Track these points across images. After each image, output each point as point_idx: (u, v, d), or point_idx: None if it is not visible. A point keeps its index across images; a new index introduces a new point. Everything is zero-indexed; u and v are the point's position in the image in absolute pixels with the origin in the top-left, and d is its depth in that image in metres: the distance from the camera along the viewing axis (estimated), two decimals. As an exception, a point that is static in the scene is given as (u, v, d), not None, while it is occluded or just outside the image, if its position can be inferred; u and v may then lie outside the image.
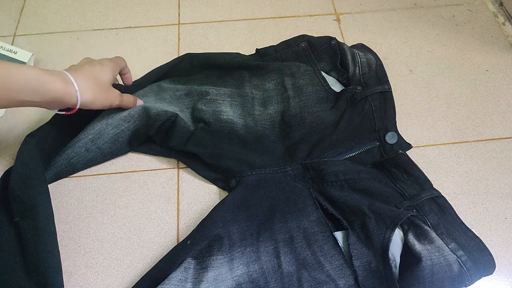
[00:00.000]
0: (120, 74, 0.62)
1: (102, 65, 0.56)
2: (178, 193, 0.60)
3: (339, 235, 0.52)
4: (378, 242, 0.49)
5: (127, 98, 0.59)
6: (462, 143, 0.65)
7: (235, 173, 0.58)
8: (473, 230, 0.52)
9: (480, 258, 0.50)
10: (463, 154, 0.64)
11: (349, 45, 0.70)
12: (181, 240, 0.52)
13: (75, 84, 0.50)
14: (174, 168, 0.62)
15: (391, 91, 0.64)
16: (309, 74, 0.66)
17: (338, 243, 0.50)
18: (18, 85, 0.46)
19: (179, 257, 0.48)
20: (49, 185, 0.58)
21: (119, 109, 0.62)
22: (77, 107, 0.51)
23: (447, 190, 0.59)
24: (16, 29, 0.78)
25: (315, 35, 0.70)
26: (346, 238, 0.51)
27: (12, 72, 0.46)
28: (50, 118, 0.61)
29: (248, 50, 0.72)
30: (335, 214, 0.52)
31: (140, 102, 0.62)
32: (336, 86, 0.66)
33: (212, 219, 0.52)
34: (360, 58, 0.66)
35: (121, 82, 0.64)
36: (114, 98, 0.56)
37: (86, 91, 0.51)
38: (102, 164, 0.62)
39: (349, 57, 0.66)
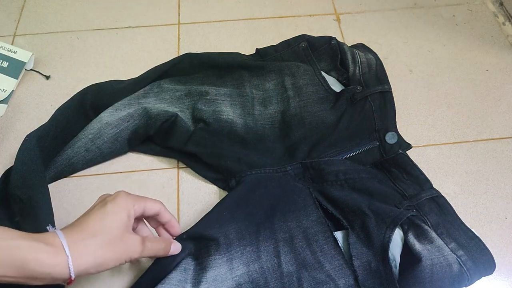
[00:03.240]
0: (158, 220, 0.47)
1: (106, 205, 0.40)
2: (178, 193, 0.60)
3: (339, 235, 0.52)
4: (378, 242, 0.49)
5: (153, 245, 0.43)
6: (462, 143, 0.65)
7: (235, 173, 0.58)
8: (473, 230, 0.52)
9: (480, 258, 0.49)
10: (463, 154, 0.64)
11: (349, 45, 0.70)
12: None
13: (66, 249, 0.35)
14: (174, 168, 0.62)
15: (391, 91, 0.64)
16: (309, 74, 0.66)
17: (338, 243, 0.50)
18: None
19: (178, 256, 0.48)
20: (49, 185, 0.58)
21: (119, 109, 0.62)
22: (73, 278, 0.36)
23: (447, 190, 0.59)
24: (16, 29, 0.78)
25: (315, 35, 0.70)
26: (346, 238, 0.51)
27: None
28: (50, 118, 0.61)
29: (248, 50, 0.72)
30: (335, 214, 0.52)
31: (176, 247, 0.46)
32: (336, 86, 0.66)
33: (209, 218, 0.52)
34: (360, 58, 0.66)
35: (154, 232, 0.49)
36: (133, 250, 0.40)
37: (83, 256, 0.36)
38: (102, 164, 0.62)
39: (349, 57, 0.66)
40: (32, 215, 0.51)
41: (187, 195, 0.59)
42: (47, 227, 0.40)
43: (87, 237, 0.38)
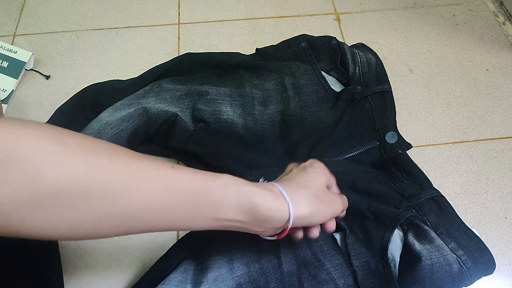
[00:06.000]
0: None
1: (306, 168, 0.43)
2: (178, 193, 0.59)
3: (338, 236, 0.52)
4: (377, 243, 0.49)
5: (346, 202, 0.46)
6: (462, 142, 0.65)
7: (235, 173, 0.57)
8: (473, 229, 0.52)
9: (480, 258, 0.50)
10: (463, 153, 0.64)
11: (349, 45, 0.70)
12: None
13: (285, 195, 0.38)
14: (174, 168, 0.62)
15: (391, 91, 0.64)
16: (309, 74, 0.66)
17: (337, 244, 0.50)
18: (217, 201, 0.37)
19: (179, 255, 0.48)
20: (49, 185, 0.58)
21: (119, 109, 0.62)
22: (289, 226, 0.39)
23: (447, 190, 0.59)
24: (16, 29, 0.78)
25: (315, 35, 0.70)
26: (345, 238, 0.51)
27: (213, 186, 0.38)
28: (49, 118, 0.61)
29: (248, 50, 0.72)
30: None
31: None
32: (336, 86, 0.66)
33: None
34: (360, 58, 0.66)
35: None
36: (335, 206, 0.43)
37: (299, 203, 0.39)
38: (102, 164, 0.62)
39: (349, 56, 0.66)
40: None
41: (187, 195, 0.59)
42: (260, 179, 0.42)
43: (299, 188, 0.40)
